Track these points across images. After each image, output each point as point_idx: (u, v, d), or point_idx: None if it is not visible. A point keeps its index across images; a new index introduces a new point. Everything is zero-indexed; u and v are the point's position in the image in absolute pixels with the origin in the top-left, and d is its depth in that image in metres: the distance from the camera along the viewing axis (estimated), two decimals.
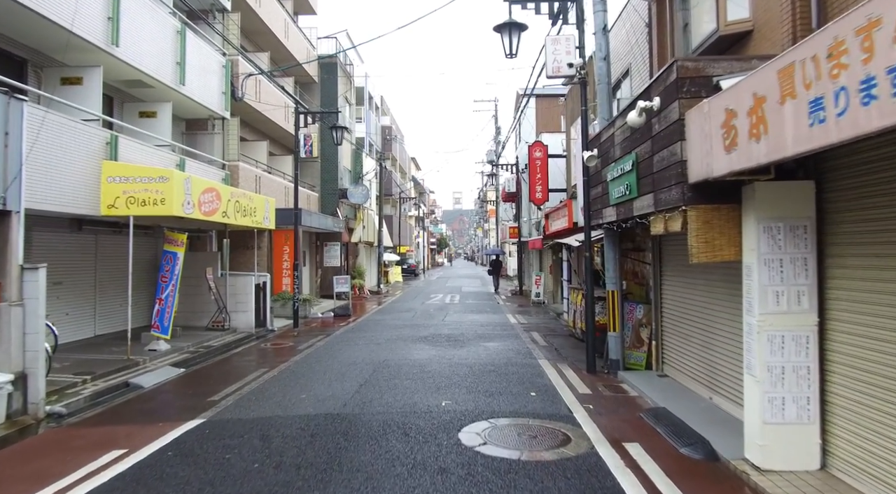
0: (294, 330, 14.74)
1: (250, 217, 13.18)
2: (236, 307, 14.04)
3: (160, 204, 9.80)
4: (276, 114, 18.73)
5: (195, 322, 13.85)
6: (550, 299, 21.29)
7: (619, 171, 7.05)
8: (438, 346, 11.54)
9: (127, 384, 8.73)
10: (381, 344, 11.84)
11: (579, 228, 12.92)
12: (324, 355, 10.79)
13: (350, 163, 27.41)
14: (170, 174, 9.87)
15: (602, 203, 8.24)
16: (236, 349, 12.00)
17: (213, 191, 11.20)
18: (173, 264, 10.58)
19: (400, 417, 6.46)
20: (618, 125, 7.27)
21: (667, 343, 8.49)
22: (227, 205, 11.82)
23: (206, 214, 10.89)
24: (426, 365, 9.56)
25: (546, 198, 16.61)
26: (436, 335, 13.17)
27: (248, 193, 13.17)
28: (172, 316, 10.60)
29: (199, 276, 13.49)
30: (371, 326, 15.13)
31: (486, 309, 19.27)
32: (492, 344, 11.78)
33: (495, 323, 15.55)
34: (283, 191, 19.26)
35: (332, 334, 13.79)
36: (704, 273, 6.98)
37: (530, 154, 16.63)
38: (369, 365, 9.64)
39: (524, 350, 11.15)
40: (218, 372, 9.53)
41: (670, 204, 5.43)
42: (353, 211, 27.32)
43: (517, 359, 10.09)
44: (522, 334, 13.37)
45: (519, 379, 8.42)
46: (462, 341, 12.23)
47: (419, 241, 58.12)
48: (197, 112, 14.52)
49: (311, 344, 12.16)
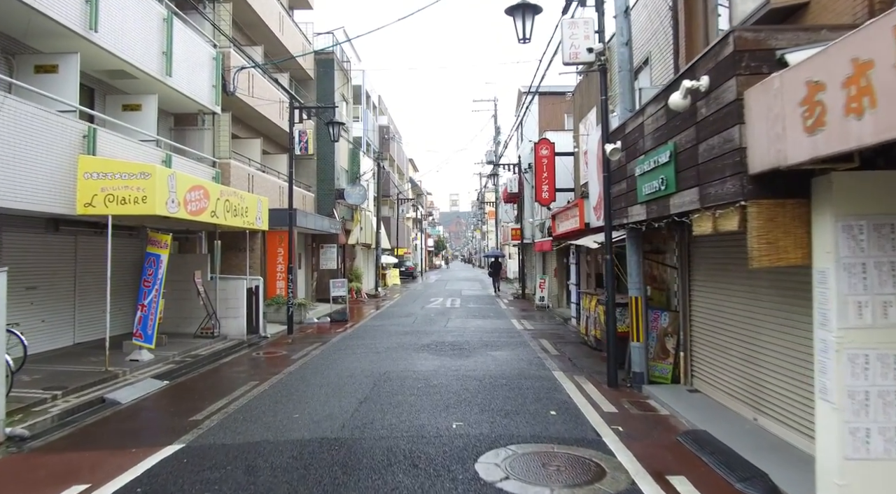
0: (288, 337, 13.94)
1: (241, 217, 12.39)
2: (227, 313, 13.24)
3: (141, 202, 9.01)
4: (270, 110, 17.94)
5: (183, 328, 13.04)
6: (555, 303, 20.53)
7: (651, 164, 6.29)
8: (443, 355, 10.76)
9: (102, 400, 7.93)
10: (381, 353, 11.05)
11: (591, 229, 12.18)
12: (320, 365, 9.99)
13: (347, 163, 26.63)
14: (152, 169, 9.08)
15: (627, 200, 7.48)
16: (226, 358, 11.19)
17: (200, 189, 10.41)
18: (156, 267, 9.77)
19: (406, 443, 5.67)
20: (648, 113, 6.51)
21: (697, 354, 7.72)
22: (216, 205, 11.02)
23: (192, 214, 10.10)
24: (431, 377, 8.78)
25: (553, 197, 15.86)
26: (439, 342, 12.38)
27: (238, 192, 12.38)
28: (156, 323, 9.80)
29: (188, 280, 12.69)
30: (370, 333, 14.33)
31: (490, 314, 18.49)
32: (500, 353, 11.00)
33: (501, 329, 14.77)
34: (277, 190, 18.46)
35: (329, 341, 12.99)
36: (747, 278, 6.22)
37: (536, 152, 15.87)
38: (369, 377, 8.84)
39: (535, 359, 10.38)
40: (204, 385, 8.73)
41: (723, 199, 4.67)
42: (351, 212, 26.53)
43: (530, 371, 9.31)
44: (531, 341, 12.60)
45: (535, 395, 7.64)
46: (468, 349, 11.45)
47: (417, 243, 57.34)
48: (185, 106, 13.73)
49: (306, 353, 11.37)
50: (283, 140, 20.49)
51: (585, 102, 14.52)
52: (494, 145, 41.30)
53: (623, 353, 9.01)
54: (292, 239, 15.22)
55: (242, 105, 16.31)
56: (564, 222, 14.53)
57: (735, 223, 4.54)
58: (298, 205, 18.55)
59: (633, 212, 7.19)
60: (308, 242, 22.46)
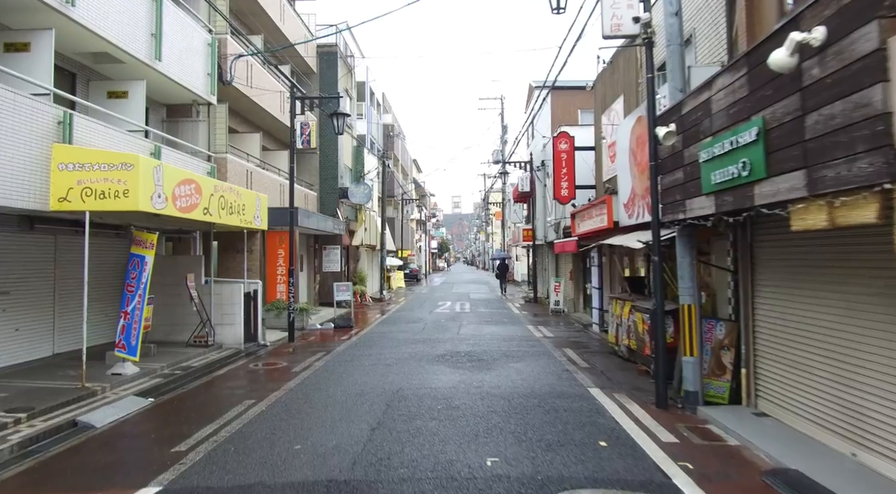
0: (289, 346, 12.87)
1: (238, 215, 11.34)
2: (222, 319, 12.19)
3: (123, 196, 7.96)
4: (270, 102, 16.91)
5: (174, 336, 11.99)
6: (571, 307, 19.45)
7: (724, 147, 5.22)
8: (461, 368, 9.69)
9: (74, 423, 6.87)
10: (391, 366, 9.98)
11: (621, 229, 11.12)
12: (324, 380, 8.93)
13: (351, 161, 25.59)
14: (135, 160, 8.03)
15: (684, 192, 6.40)
16: (220, 370, 10.13)
17: (191, 184, 9.36)
18: (141, 270, 8.72)
19: (433, 488, 4.60)
20: (719, 86, 5.44)
21: (764, 371, 6.65)
22: (209, 201, 9.97)
23: (182, 210, 9.05)
24: (452, 396, 7.70)
25: (573, 195, 14.80)
26: (454, 353, 11.31)
27: (235, 187, 11.34)
28: (140, 332, 8.74)
29: (180, 284, 11.65)
30: (377, 340, 13.26)
31: (504, 320, 17.41)
32: (523, 366, 9.93)
33: (518, 336, 13.70)
34: (277, 188, 17.43)
35: (333, 350, 11.93)
36: (840, 284, 5.15)
37: (554, 146, 14.82)
38: (381, 396, 7.77)
39: (564, 373, 9.30)
40: (193, 405, 7.66)
41: (850, 182, 3.61)
42: (355, 212, 25.48)
43: (561, 387, 8.23)
44: (554, 351, 11.53)
45: (576, 420, 6.56)
46: (487, 361, 10.38)
47: (421, 245, 56.27)
48: (178, 96, 12.70)
49: (308, 365, 10.30)
50: (284, 135, 19.46)
51: (609, 92, 13.47)
52: (501, 144, 40.27)
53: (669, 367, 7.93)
54: (293, 239, 14.17)
55: (240, 96, 15.29)
56: (587, 221, 13.46)
57: (871, 213, 3.47)
58: (300, 203, 17.52)
59: (694, 205, 6.11)
60: (310, 243, 21.42)
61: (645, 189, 9.43)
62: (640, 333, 9.12)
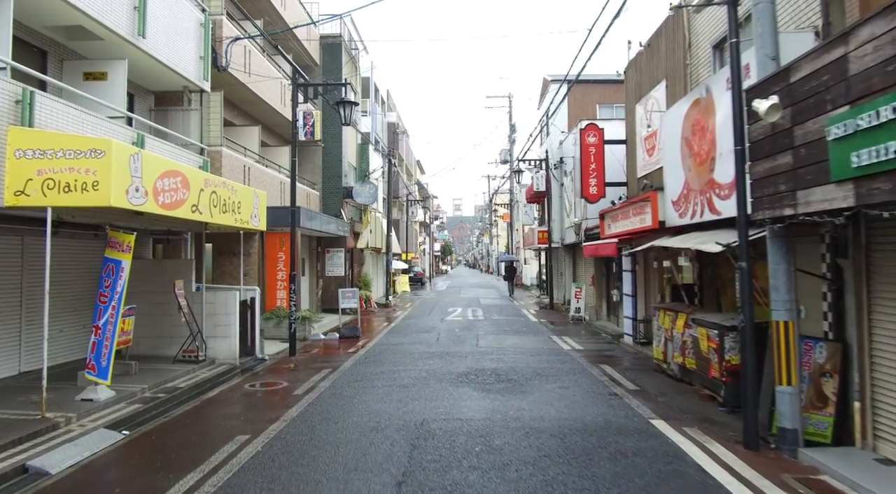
0: (290, 360, 11.52)
1: (233, 214, 10.00)
2: (215, 331, 10.85)
3: (92, 189, 6.62)
4: (269, 93, 15.59)
5: (161, 350, 10.65)
6: (593, 315, 18.09)
7: (880, 116, 3.88)
8: (490, 391, 8.33)
9: (24, 469, 5.53)
10: (408, 388, 8.62)
11: (668, 229, 9.78)
12: (332, 407, 7.57)
13: (355, 159, 24.28)
14: (106, 145, 6.68)
15: (795, 181, 5.04)
16: (211, 391, 8.79)
17: (177, 176, 8.02)
18: (116, 277, 7.38)
19: None
20: (864, 37, 4.10)
21: (885, 406, 5.29)
22: (198, 197, 8.64)
23: (165, 207, 7.71)
24: (489, 431, 6.35)
25: (602, 192, 13.47)
26: (478, 370, 9.95)
27: (229, 182, 10.00)
28: (113, 350, 7.39)
29: (168, 291, 10.33)
30: (388, 354, 11.90)
31: (523, 329, 16.04)
32: (562, 388, 8.57)
33: (545, 349, 12.34)
34: (277, 186, 16.10)
35: (340, 366, 10.57)
36: None
37: (582, 139, 13.48)
38: (402, 431, 6.41)
39: (613, 398, 7.95)
40: (174, 442, 6.31)
41: None
42: (359, 213, 24.14)
43: (618, 418, 6.87)
44: (590, 367, 10.17)
45: (654, 469, 5.20)
46: (518, 381, 9.02)
47: (424, 248, 54.93)
48: (167, 81, 11.38)
49: (312, 385, 8.94)
50: (285, 130, 18.15)
51: (646, 79, 12.14)
52: (510, 144, 39.00)
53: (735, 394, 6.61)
54: (295, 241, 12.83)
55: (237, 86, 13.97)
56: (621, 222, 12.10)
57: None
58: (302, 203, 16.19)
59: (814, 196, 4.75)
60: (312, 246, 20.08)
61: (706, 182, 8.09)
62: (704, 352, 7.76)
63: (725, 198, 7.53)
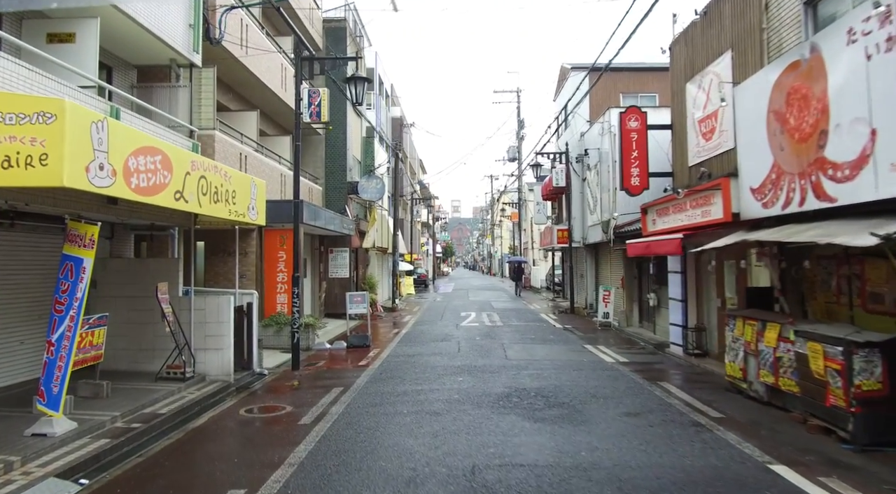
0: (293, 376, 9.93)
1: (226, 204, 8.41)
2: (206, 342, 9.26)
3: (39, 165, 5.05)
4: (268, 75, 14.03)
5: (142, 365, 9.08)
6: (622, 321, 16.53)
7: None
8: (544, 421, 6.75)
9: None
10: (441, 416, 7.03)
11: (742, 222, 8.25)
12: (349, 445, 5.98)
13: (360, 153, 22.72)
14: (58, 107, 5.10)
15: None
16: (199, 419, 7.20)
17: (155, 154, 6.44)
18: (76, 279, 5.79)
19: None
20: None
21: None
22: (183, 182, 7.05)
23: (140, 192, 6.12)
24: (568, 488, 4.77)
25: (646, 184, 11.90)
26: (518, 390, 8.37)
27: (222, 167, 8.42)
28: (69, 372, 5.79)
29: (150, 295, 8.75)
30: (407, 368, 10.31)
31: (549, 337, 14.47)
32: (628, 415, 7.01)
33: (584, 362, 10.77)
34: (277, 178, 14.53)
35: (353, 384, 8.99)
36: None
37: (622, 125, 11.93)
38: (448, 486, 4.81)
39: (700, 430, 6.39)
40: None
41: None
42: (364, 210, 22.59)
43: (726, 464, 5.28)
44: (649, 386, 8.61)
45: None
46: (572, 406, 7.45)
47: (427, 249, 53.34)
48: (151, 52, 9.81)
49: (322, 411, 7.36)
50: (285, 118, 16.57)
51: (701, 53, 10.60)
52: (518, 141, 37.50)
53: (870, 428, 5.09)
54: (298, 238, 11.25)
55: (233, 65, 12.40)
56: (673, 215, 10.56)
57: None
58: (304, 198, 14.61)
59: None
60: (314, 245, 18.49)
61: (812, 163, 6.54)
62: (818, 373, 6.20)
63: (844, 181, 5.99)
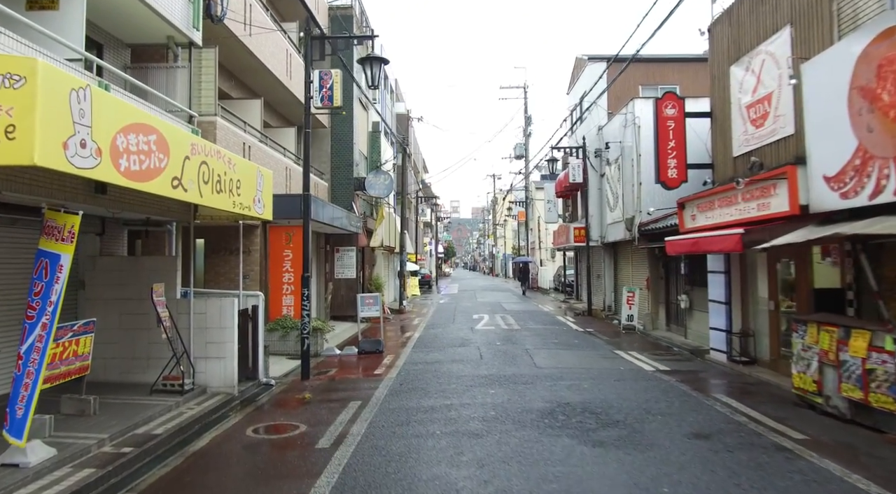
0: (304, 387, 8.97)
1: (230, 195, 7.47)
2: (207, 350, 8.31)
3: (4, 139, 4.11)
4: (273, 61, 13.09)
5: (136, 376, 8.13)
6: (648, 324, 15.59)
7: None
8: (604, 445, 5.81)
9: None
10: (481, 438, 6.08)
11: (811, 215, 7.32)
12: (379, 480, 5.01)
13: (366, 148, 21.77)
14: (29, 68, 4.16)
15: None
16: (199, 441, 6.25)
17: (150, 133, 5.49)
18: (50, 278, 4.82)
19: None
20: None
21: None
22: (182, 167, 6.10)
23: (131, 176, 5.17)
24: None
25: (684, 176, 10.98)
26: (562, 404, 7.42)
27: (225, 153, 7.47)
28: (37, 392, 4.82)
29: (144, 298, 7.80)
30: (429, 378, 9.35)
31: (573, 341, 13.52)
32: (697, 437, 6.07)
33: (621, 370, 9.83)
34: (283, 172, 13.60)
35: (371, 397, 8.03)
36: None
37: (658, 112, 10.99)
38: None
39: (790, 456, 5.46)
40: None
41: None
42: (371, 208, 21.64)
43: None
44: (705, 399, 7.68)
45: None
46: (629, 425, 6.50)
47: (430, 249, 52.35)
48: (146, 29, 8.88)
49: (341, 432, 6.40)
50: (290, 108, 15.64)
51: (751, 31, 9.67)
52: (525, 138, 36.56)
53: None
54: (307, 234, 10.30)
55: (235, 48, 11.46)
56: (719, 210, 9.63)
57: None
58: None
59: None
60: (320, 244, 17.53)
61: None
62: None
63: None
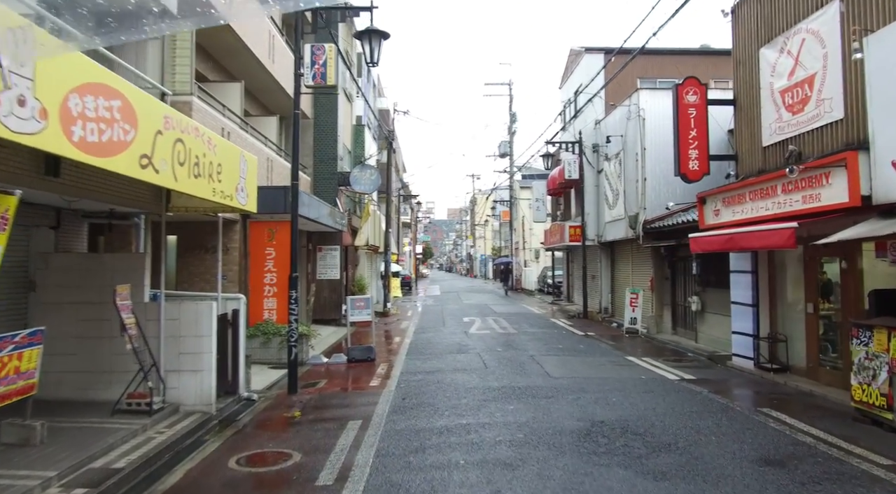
0: (291, 403, 7.87)
1: (210, 181, 6.35)
2: (180, 362, 7.17)
3: None
4: (254, 39, 11.94)
5: (95, 393, 6.95)
6: (652, 327, 14.81)
7: None
8: (663, 476, 4.88)
9: None
10: (517, 468, 5.09)
11: (873, 207, 6.52)
12: None
13: (350, 142, 20.67)
14: None
15: None
16: (168, 478, 5.12)
17: (112, 97, 4.38)
18: None
19: None
20: None
21: None
22: (153, 143, 4.98)
23: (86, 149, 4.05)
24: None
25: (706, 168, 10.17)
26: (596, 423, 6.47)
27: (205, 130, 6.37)
28: None
29: (106, 301, 6.62)
30: (433, 391, 8.33)
31: (579, 346, 12.64)
32: (766, 464, 5.20)
33: (644, 380, 8.96)
34: (264, 163, 12.41)
35: (372, 415, 6.97)
36: None
37: (679, 99, 10.16)
38: None
39: (893, 490, 4.59)
40: None
41: None
42: (354, 205, 20.54)
43: None
44: (754, 415, 6.82)
45: None
46: (682, 448, 5.59)
47: (408, 249, 51.26)
48: None
49: (345, 465, 5.34)
50: (272, 96, 14.47)
51: (786, 9, 8.90)
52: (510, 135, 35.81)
53: None
54: (295, 230, 9.21)
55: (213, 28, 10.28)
56: (751, 203, 8.82)
57: None
58: None
59: None
60: (302, 243, 16.34)
61: None
62: None
63: None
